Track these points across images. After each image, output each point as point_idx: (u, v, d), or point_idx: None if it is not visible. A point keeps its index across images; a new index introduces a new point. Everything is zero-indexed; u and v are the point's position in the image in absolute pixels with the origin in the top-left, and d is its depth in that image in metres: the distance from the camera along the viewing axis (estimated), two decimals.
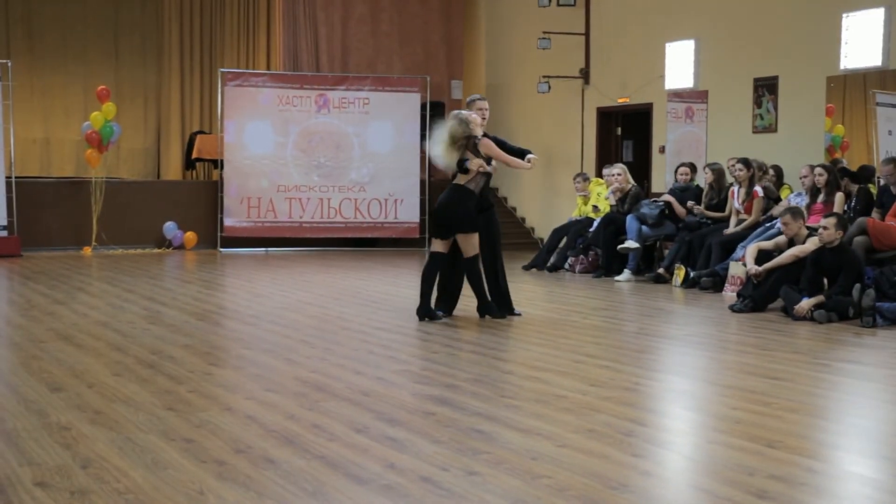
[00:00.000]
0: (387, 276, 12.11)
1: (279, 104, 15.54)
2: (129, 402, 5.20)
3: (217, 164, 15.85)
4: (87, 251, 14.76)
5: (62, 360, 6.37)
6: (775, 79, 12.24)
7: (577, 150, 15.56)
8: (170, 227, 15.38)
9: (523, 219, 16.94)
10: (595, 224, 12.55)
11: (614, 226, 12.07)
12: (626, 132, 15.34)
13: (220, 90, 15.56)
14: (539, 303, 9.73)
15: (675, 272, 11.02)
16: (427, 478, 3.92)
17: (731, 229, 10.94)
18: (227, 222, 15.45)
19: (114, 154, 16.02)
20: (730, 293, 9.96)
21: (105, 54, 17.51)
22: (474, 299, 8.39)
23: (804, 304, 8.30)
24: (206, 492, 3.74)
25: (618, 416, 4.97)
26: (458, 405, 5.16)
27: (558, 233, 13.10)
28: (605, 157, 14.91)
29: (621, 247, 11.73)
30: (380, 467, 4.05)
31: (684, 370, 6.68)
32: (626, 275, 11.57)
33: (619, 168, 12.51)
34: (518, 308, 8.60)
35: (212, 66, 17.69)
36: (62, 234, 14.99)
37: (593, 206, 13.04)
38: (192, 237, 15.51)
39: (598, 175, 13.95)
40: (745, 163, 11.03)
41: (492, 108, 8.45)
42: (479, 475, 3.96)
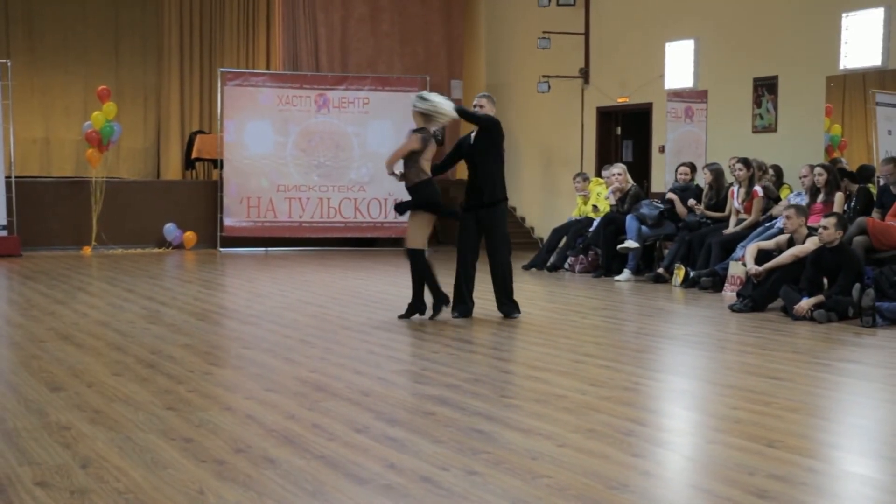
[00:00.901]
0: (386, 275, 12.10)
1: (279, 104, 15.54)
2: (128, 401, 5.20)
3: (217, 163, 15.86)
4: (87, 251, 14.75)
5: (62, 359, 6.37)
6: (775, 78, 12.24)
7: (576, 149, 15.56)
8: (170, 229, 15.38)
9: (523, 218, 16.93)
10: (595, 224, 12.55)
11: (614, 225, 12.07)
12: (625, 132, 15.33)
13: (219, 90, 15.55)
14: (539, 302, 9.72)
15: (675, 272, 11.02)
16: (427, 477, 3.92)
17: (731, 229, 10.94)
18: (227, 222, 15.45)
19: (114, 154, 16.02)
20: (729, 293, 9.96)
21: (105, 54, 17.52)
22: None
23: (804, 303, 8.30)
24: (205, 491, 3.74)
25: (618, 416, 4.97)
26: (457, 405, 5.16)
27: (558, 232, 13.10)
28: (604, 157, 14.91)
29: (621, 247, 11.73)
30: (380, 467, 4.05)
31: (684, 370, 6.68)
32: (626, 274, 11.57)
33: (619, 168, 12.51)
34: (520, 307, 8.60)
35: (212, 65, 17.70)
36: (62, 234, 14.99)
37: (593, 205, 13.04)
38: (191, 237, 15.51)
39: (598, 175, 13.94)
40: (745, 162, 11.03)
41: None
42: (479, 475, 3.96)
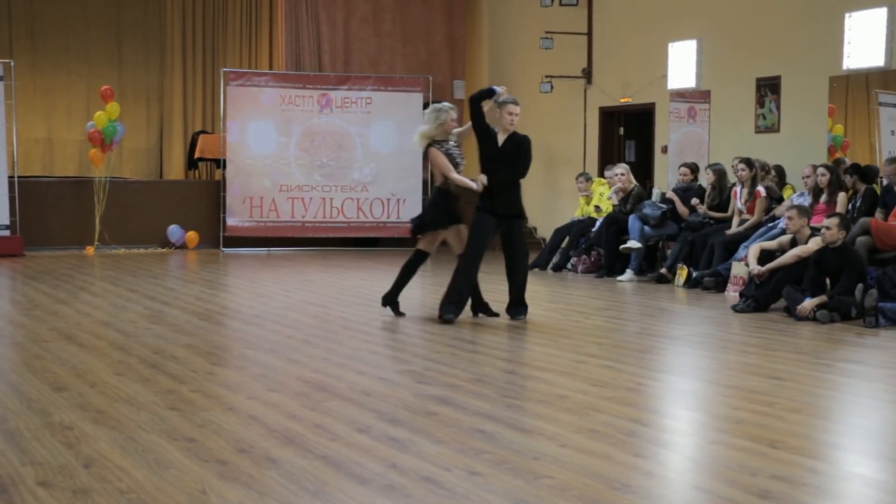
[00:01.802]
0: (389, 276, 12.03)
1: (282, 104, 15.55)
2: (131, 401, 5.20)
3: (219, 163, 15.86)
4: (90, 251, 14.76)
5: (65, 359, 6.37)
6: (778, 79, 12.23)
7: (579, 149, 15.56)
8: (174, 230, 15.39)
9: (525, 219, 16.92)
10: (597, 224, 12.54)
11: (617, 226, 12.06)
12: (628, 132, 15.33)
13: (222, 90, 15.56)
14: (541, 303, 9.72)
15: (678, 272, 11.02)
16: (429, 478, 3.92)
17: (734, 229, 10.93)
18: (230, 222, 15.45)
19: (116, 154, 16.03)
20: (732, 293, 9.95)
21: (107, 54, 17.52)
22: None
23: (807, 304, 8.29)
24: (208, 491, 3.75)
25: (620, 417, 4.97)
26: (459, 405, 5.16)
27: (561, 233, 13.10)
28: (607, 157, 14.90)
29: (624, 247, 11.72)
30: (382, 467, 4.05)
31: (686, 370, 6.68)
32: (629, 275, 11.57)
33: (622, 168, 12.50)
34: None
35: (214, 65, 17.71)
36: (65, 234, 15.00)
37: (595, 205, 13.03)
38: (194, 237, 15.52)
39: (601, 175, 13.94)
40: (748, 163, 11.02)
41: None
42: (480, 475, 3.96)
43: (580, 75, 15.38)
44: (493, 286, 9.20)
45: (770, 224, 10.54)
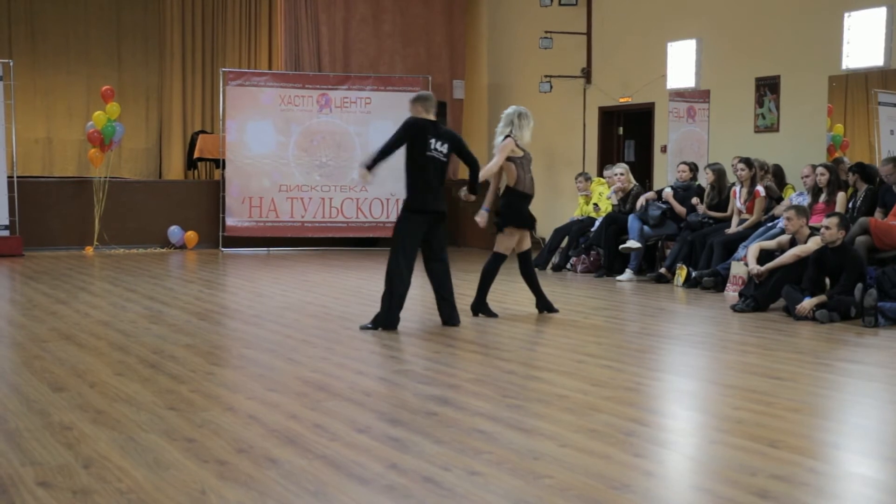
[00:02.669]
0: None
1: (281, 104, 15.55)
2: (130, 401, 5.20)
3: (219, 163, 15.86)
4: (89, 251, 14.76)
5: (64, 359, 6.37)
6: (777, 78, 12.23)
7: (578, 149, 15.55)
8: (174, 231, 15.39)
9: None
10: (597, 224, 12.54)
11: (616, 225, 12.06)
12: (627, 132, 15.32)
13: (221, 90, 15.56)
14: None
15: (677, 272, 11.02)
16: (429, 478, 3.92)
17: (733, 229, 10.93)
18: (229, 222, 15.45)
19: (116, 154, 16.02)
20: (731, 293, 9.95)
21: (107, 54, 17.53)
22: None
23: (806, 303, 8.30)
24: (207, 491, 3.74)
25: (619, 416, 4.97)
26: (459, 405, 5.16)
27: (560, 232, 13.10)
28: (606, 157, 14.90)
29: (623, 246, 11.72)
30: (382, 467, 4.05)
31: (686, 370, 6.68)
32: (628, 274, 11.57)
33: (621, 168, 12.50)
34: (518, 307, 8.60)
35: (213, 65, 17.71)
36: (64, 234, 14.99)
37: (594, 205, 13.03)
38: (193, 237, 15.51)
39: (600, 174, 13.94)
40: (747, 162, 11.02)
41: (493, 108, 8.49)
42: (480, 475, 3.96)
43: (579, 75, 15.38)
44: (493, 286, 9.18)
45: (769, 224, 10.54)
